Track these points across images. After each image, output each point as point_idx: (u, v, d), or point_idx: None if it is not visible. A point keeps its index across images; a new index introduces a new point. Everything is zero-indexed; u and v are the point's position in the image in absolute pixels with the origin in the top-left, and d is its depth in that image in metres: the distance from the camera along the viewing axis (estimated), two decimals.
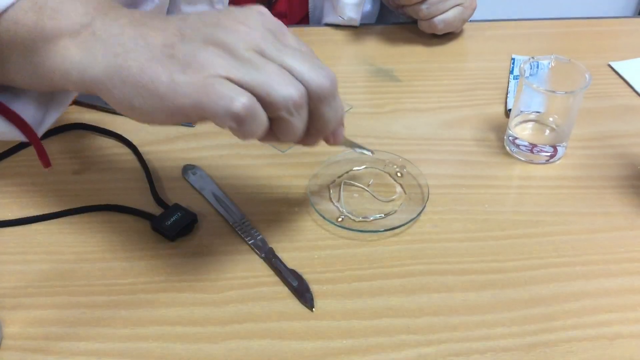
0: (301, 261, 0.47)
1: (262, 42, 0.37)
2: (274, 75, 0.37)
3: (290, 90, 0.37)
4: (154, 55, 0.37)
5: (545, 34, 0.75)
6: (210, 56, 0.36)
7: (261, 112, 0.37)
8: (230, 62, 0.36)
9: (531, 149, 0.55)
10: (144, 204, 0.51)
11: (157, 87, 0.37)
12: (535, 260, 0.48)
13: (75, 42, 0.39)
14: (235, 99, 0.35)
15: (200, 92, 0.36)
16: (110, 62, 0.38)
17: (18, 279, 0.46)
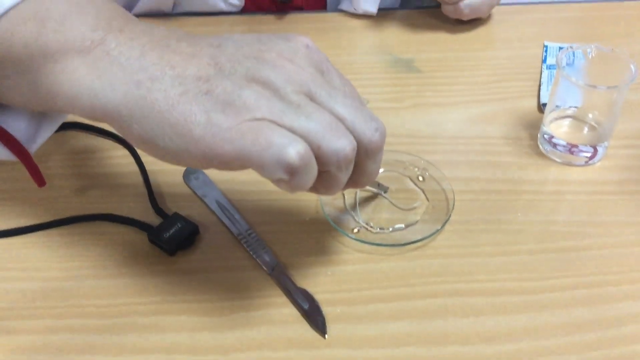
0: (312, 279, 0.43)
1: (311, 84, 0.33)
2: (327, 125, 0.32)
3: (344, 143, 0.32)
4: (186, 88, 0.32)
5: (581, 17, 0.68)
6: (255, 96, 0.32)
7: (314, 162, 0.32)
8: (278, 106, 0.32)
9: (570, 149, 0.50)
10: (141, 213, 0.47)
11: (191, 129, 0.32)
12: (575, 279, 0.43)
13: (85, 62, 0.34)
14: (290, 147, 0.31)
15: (245, 137, 0.31)
16: (130, 92, 0.33)
17: (2, 299, 0.42)
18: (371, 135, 0.34)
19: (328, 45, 0.64)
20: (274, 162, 0.31)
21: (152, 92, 0.32)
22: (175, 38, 0.35)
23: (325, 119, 0.32)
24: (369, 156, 0.35)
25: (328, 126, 0.32)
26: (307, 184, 0.33)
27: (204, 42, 0.34)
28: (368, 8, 0.66)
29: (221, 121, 0.31)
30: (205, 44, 0.34)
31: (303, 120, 0.32)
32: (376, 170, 0.36)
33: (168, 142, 0.32)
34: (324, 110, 0.33)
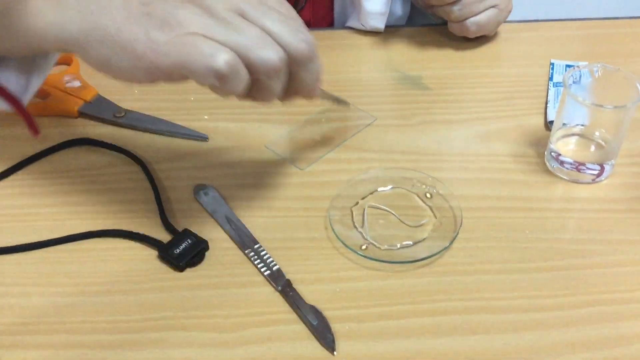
0: (321, 295, 0.43)
1: (241, 3, 0.37)
2: (255, 38, 0.36)
3: (270, 53, 0.36)
4: (130, 13, 0.36)
5: (587, 35, 0.69)
6: (189, 14, 0.36)
7: (243, 69, 0.36)
8: (209, 22, 0.36)
9: (577, 167, 0.50)
10: (151, 229, 0.47)
11: (135, 47, 0.36)
12: (583, 297, 0.43)
13: (46, 1, 0.38)
14: (217, 55, 0.35)
15: (180, 50, 0.35)
16: (85, 21, 0.37)
17: (15, 314, 0.42)
18: (297, 44, 0.37)
19: (336, 63, 0.64)
20: (205, 69, 0.35)
21: (102, 19, 0.37)
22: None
23: (253, 33, 0.36)
24: (301, 66, 0.38)
25: (256, 38, 0.36)
26: (237, 89, 0.36)
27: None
28: (376, 24, 0.67)
29: (159, 37, 0.36)
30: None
31: (232, 34, 0.36)
32: (312, 80, 0.40)
33: (120, 62, 0.37)
34: (254, 25, 0.36)
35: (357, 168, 0.52)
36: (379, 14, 0.66)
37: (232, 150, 0.54)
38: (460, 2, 0.61)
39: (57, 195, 0.50)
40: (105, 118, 0.56)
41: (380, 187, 0.50)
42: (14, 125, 0.56)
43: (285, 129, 0.56)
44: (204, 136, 0.55)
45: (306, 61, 0.38)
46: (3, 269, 0.45)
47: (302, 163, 0.53)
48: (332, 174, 0.52)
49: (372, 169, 0.52)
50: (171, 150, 0.54)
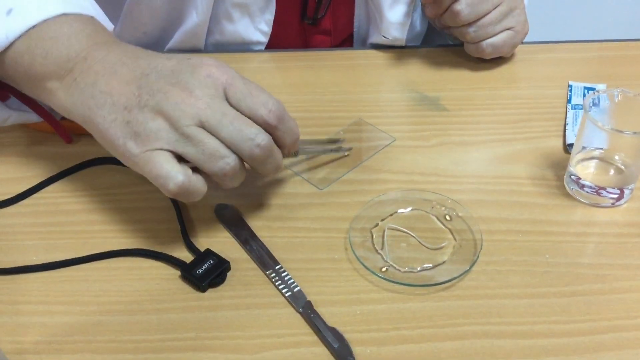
0: (342, 317, 0.43)
1: (202, 115, 0.43)
2: (210, 151, 0.43)
3: (222, 165, 0.43)
4: (115, 117, 0.44)
5: (606, 57, 0.69)
6: (157, 129, 0.43)
7: (197, 185, 0.43)
8: (173, 137, 0.43)
9: (597, 190, 0.50)
10: (174, 248, 0.48)
11: (115, 148, 0.44)
12: (603, 322, 0.43)
13: (61, 85, 0.47)
14: (171, 180, 0.42)
15: (144, 166, 0.43)
16: (85, 113, 0.45)
17: (41, 333, 0.43)
18: (250, 151, 0.44)
19: (355, 83, 0.65)
20: (163, 189, 0.43)
21: (96, 117, 0.45)
22: (121, 63, 0.46)
23: (210, 146, 0.43)
24: (259, 163, 0.45)
25: (211, 151, 0.43)
26: (192, 198, 0.44)
27: (139, 71, 0.45)
28: (397, 34, 0.67)
29: (132, 148, 0.43)
30: (139, 72, 0.45)
31: (191, 150, 0.43)
32: (275, 167, 0.46)
33: (110, 151, 0.45)
34: (211, 137, 0.43)
35: (376, 189, 0.53)
36: (400, 24, 0.67)
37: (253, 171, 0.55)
38: (476, 23, 0.62)
39: (81, 213, 0.51)
40: None
41: (399, 209, 0.51)
42: (38, 144, 0.57)
43: (305, 150, 0.57)
44: None
45: (262, 159, 0.45)
46: (28, 287, 0.46)
47: (322, 183, 0.54)
48: (351, 194, 0.52)
49: (391, 191, 0.52)
50: None
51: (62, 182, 0.54)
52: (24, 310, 0.44)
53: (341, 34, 0.74)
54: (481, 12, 0.61)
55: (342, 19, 0.73)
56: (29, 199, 0.52)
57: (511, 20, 0.63)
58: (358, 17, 0.73)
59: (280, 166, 0.47)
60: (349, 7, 0.72)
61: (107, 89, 0.45)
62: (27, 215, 0.51)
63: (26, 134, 0.58)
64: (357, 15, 0.73)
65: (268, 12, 0.67)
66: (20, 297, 0.45)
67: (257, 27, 0.68)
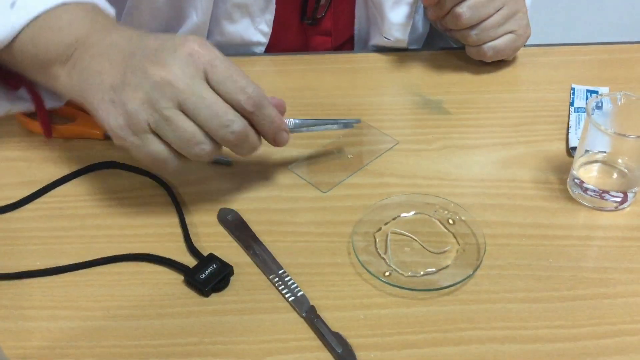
0: (345, 322, 0.43)
1: (181, 96, 0.44)
2: (188, 136, 0.44)
3: (197, 151, 0.45)
4: (103, 96, 0.46)
5: (608, 59, 0.69)
6: (138, 109, 0.44)
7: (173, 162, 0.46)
8: (153, 117, 0.44)
9: (600, 194, 0.50)
10: (177, 252, 0.48)
11: (106, 126, 0.46)
12: (607, 327, 0.43)
13: (63, 70, 0.49)
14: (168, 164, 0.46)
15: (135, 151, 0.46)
16: (82, 94, 0.48)
17: (44, 338, 0.43)
18: (225, 136, 0.45)
19: (357, 86, 0.65)
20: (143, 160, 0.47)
21: (88, 97, 0.47)
22: (115, 44, 0.47)
23: (187, 131, 0.44)
24: (233, 147, 0.47)
25: (189, 137, 0.44)
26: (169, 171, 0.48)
27: (127, 51, 0.46)
28: (399, 35, 0.67)
29: (119, 125, 0.45)
30: (128, 52, 0.46)
31: (169, 132, 0.44)
32: (250, 151, 0.48)
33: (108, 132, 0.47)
34: (189, 121, 0.44)
35: (379, 193, 0.53)
36: (402, 25, 0.66)
37: (256, 175, 0.55)
38: (478, 26, 0.62)
39: (84, 218, 0.51)
40: None
41: (403, 213, 0.51)
42: (41, 148, 0.57)
43: (308, 153, 0.57)
44: (228, 160, 0.56)
45: (238, 145, 0.46)
46: (31, 292, 0.46)
47: (325, 186, 0.54)
48: (354, 198, 0.52)
49: (394, 194, 0.52)
50: (196, 174, 0.55)
51: (65, 187, 0.54)
52: (28, 316, 0.44)
53: (342, 35, 0.74)
54: (483, 15, 0.61)
55: (342, 19, 0.73)
56: (33, 204, 0.52)
57: (513, 23, 0.63)
58: (359, 18, 0.73)
59: (256, 149, 0.48)
60: (349, 8, 0.72)
61: (98, 68, 0.46)
62: (31, 220, 0.51)
63: (30, 138, 0.58)
64: (358, 17, 0.72)
65: (268, 12, 0.67)
66: (24, 302, 0.45)
67: (257, 27, 0.68)
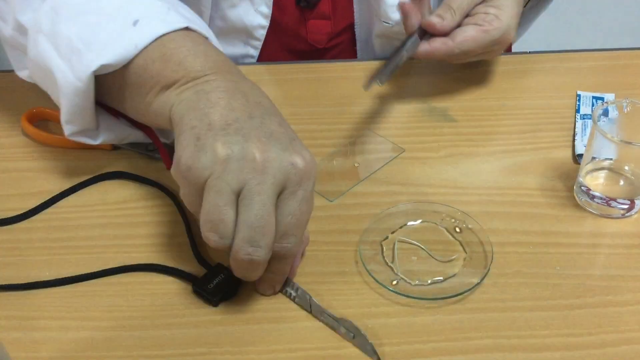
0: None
1: (249, 184, 0.41)
2: (212, 218, 0.41)
3: (208, 236, 0.42)
4: (195, 125, 0.43)
5: (614, 66, 0.69)
6: (207, 163, 0.41)
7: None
8: (210, 182, 0.41)
9: (607, 201, 0.50)
10: (185, 262, 0.48)
11: (177, 154, 0.44)
12: (615, 335, 0.43)
13: (177, 88, 0.47)
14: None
15: (180, 183, 0.44)
16: (181, 112, 0.45)
17: (54, 349, 0.43)
18: (240, 255, 0.42)
19: (363, 94, 0.65)
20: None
21: (186, 116, 0.45)
22: (244, 95, 0.45)
23: (214, 215, 0.41)
24: (237, 269, 0.44)
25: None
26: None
27: (249, 111, 0.44)
28: (398, 18, 0.66)
29: (184, 163, 0.43)
30: (249, 112, 0.44)
31: (205, 204, 0.42)
32: (246, 279, 0.44)
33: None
34: (231, 212, 0.41)
35: (385, 201, 0.53)
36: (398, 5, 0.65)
37: None
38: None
39: (92, 228, 0.51)
40: (138, 151, 0.57)
41: (409, 221, 0.51)
42: (49, 159, 0.58)
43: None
44: None
45: (242, 268, 0.43)
46: (40, 303, 0.46)
47: (332, 195, 0.54)
48: (361, 207, 0.53)
49: (400, 203, 0.52)
50: None
51: (73, 197, 0.54)
52: (37, 326, 0.44)
53: (342, 19, 0.72)
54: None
55: (341, 2, 0.71)
56: (41, 214, 0.53)
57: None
58: (358, 1, 0.71)
59: (248, 280, 0.45)
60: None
61: (214, 100, 0.44)
62: (39, 231, 0.51)
63: (37, 149, 0.59)
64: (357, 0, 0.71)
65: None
66: (33, 312, 0.45)
67: (257, 9, 0.68)
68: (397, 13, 0.66)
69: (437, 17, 0.58)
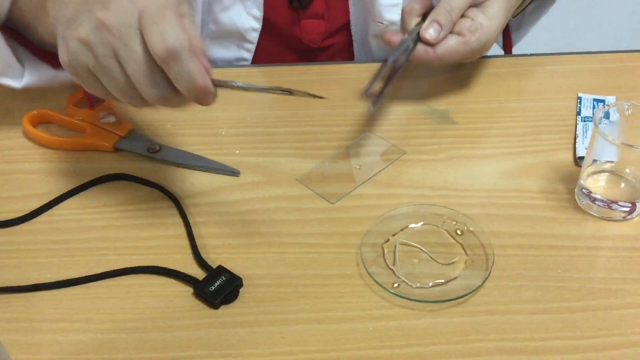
0: (354, 334, 0.43)
1: (116, 44, 0.45)
2: (120, 87, 0.46)
3: (130, 102, 0.47)
4: (59, 29, 0.48)
5: (615, 68, 0.69)
6: (78, 50, 0.46)
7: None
8: (92, 63, 0.46)
9: (608, 204, 0.50)
10: (186, 264, 0.48)
11: (60, 60, 0.48)
12: (616, 338, 0.43)
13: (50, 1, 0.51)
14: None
15: (76, 79, 0.48)
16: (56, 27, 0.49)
17: (54, 351, 0.43)
18: (148, 96, 0.46)
19: (360, 96, 0.65)
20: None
21: (56, 27, 0.48)
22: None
23: (119, 83, 0.46)
24: (163, 105, 0.47)
25: (121, 88, 0.46)
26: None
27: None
28: (391, 17, 0.67)
29: (63, 63, 0.47)
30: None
31: (105, 81, 0.46)
32: (180, 106, 0.47)
33: None
34: (121, 73, 0.45)
35: (387, 203, 0.53)
36: (392, 5, 0.66)
37: (263, 186, 0.55)
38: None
39: (93, 230, 0.51)
40: (140, 153, 0.57)
41: (411, 224, 0.51)
42: (50, 160, 0.58)
43: (315, 163, 0.57)
44: (235, 171, 0.56)
45: (164, 104, 0.47)
46: (41, 305, 0.46)
47: (332, 197, 0.54)
48: (362, 209, 0.53)
49: (402, 205, 0.52)
50: (204, 185, 0.55)
51: (74, 199, 0.54)
52: (38, 328, 0.44)
53: (336, 18, 0.72)
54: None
55: (335, 1, 0.71)
56: (42, 216, 0.53)
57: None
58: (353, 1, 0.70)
59: (186, 105, 0.47)
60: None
61: (59, 5, 0.49)
62: (41, 233, 0.51)
63: (39, 151, 0.59)
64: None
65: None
66: (34, 314, 0.45)
67: (249, 11, 0.68)
68: (391, 13, 0.67)
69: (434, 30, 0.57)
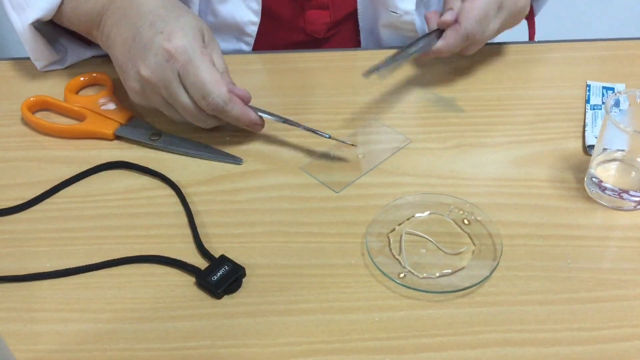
0: (360, 324, 0.43)
1: (165, 94, 0.53)
2: (180, 118, 0.55)
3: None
4: (118, 64, 0.56)
5: (624, 55, 0.68)
6: (138, 98, 0.56)
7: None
8: (151, 103, 0.55)
9: (619, 193, 0.49)
10: (188, 254, 0.48)
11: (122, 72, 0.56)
12: (627, 329, 0.42)
13: (98, 32, 0.58)
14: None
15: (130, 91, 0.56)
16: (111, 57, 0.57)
17: (55, 341, 0.42)
18: (206, 126, 0.56)
19: (368, 84, 0.64)
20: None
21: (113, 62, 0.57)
22: (127, 19, 0.55)
23: (179, 118, 0.55)
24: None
25: (181, 119, 0.55)
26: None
27: (133, 30, 0.54)
28: (407, 7, 0.66)
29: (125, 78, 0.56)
30: (133, 32, 0.54)
31: (169, 114, 0.56)
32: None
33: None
34: (178, 113, 0.55)
35: (392, 192, 0.52)
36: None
37: (267, 174, 0.54)
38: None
39: (93, 219, 0.51)
40: (141, 141, 0.57)
41: (417, 213, 0.50)
42: (49, 148, 0.57)
43: (320, 152, 0.56)
44: (238, 159, 0.55)
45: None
46: (41, 295, 0.45)
47: (337, 186, 0.53)
48: (367, 198, 0.52)
49: (407, 194, 0.51)
50: (206, 174, 0.54)
51: (74, 187, 0.53)
52: (37, 318, 0.44)
53: (341, 8, 0.71)
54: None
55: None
56: (41, 205, 0.52)
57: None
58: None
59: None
60: None
61: (113, 38, 0.55)
62: (40, 221, 0.51)
63: (38, 139, 0.58)
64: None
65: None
66: (34, 304, 0.45)
67: (247, 5, 0.67)
68: (406, 3, 0.66)
69: (448, 14, 0.59)
